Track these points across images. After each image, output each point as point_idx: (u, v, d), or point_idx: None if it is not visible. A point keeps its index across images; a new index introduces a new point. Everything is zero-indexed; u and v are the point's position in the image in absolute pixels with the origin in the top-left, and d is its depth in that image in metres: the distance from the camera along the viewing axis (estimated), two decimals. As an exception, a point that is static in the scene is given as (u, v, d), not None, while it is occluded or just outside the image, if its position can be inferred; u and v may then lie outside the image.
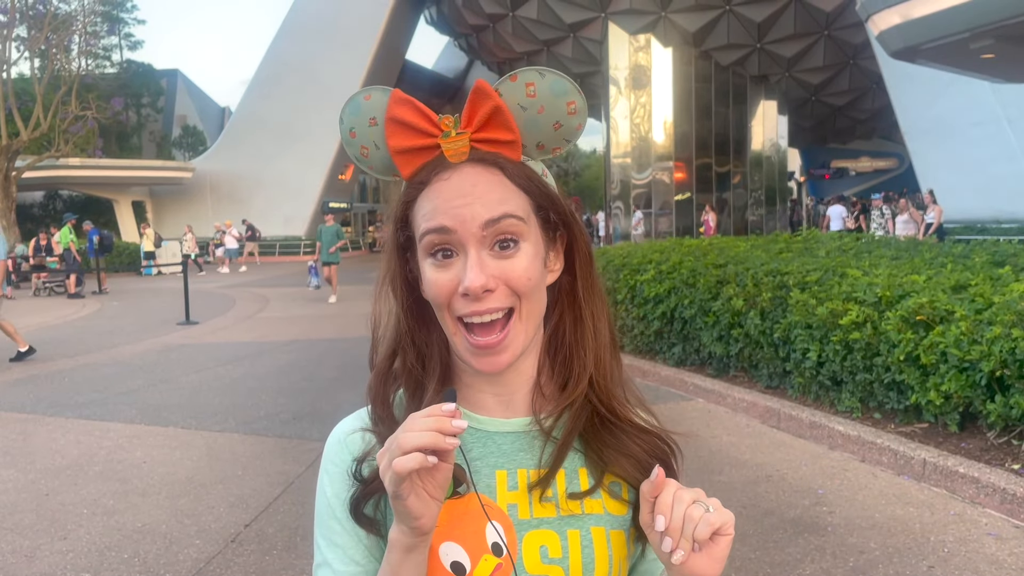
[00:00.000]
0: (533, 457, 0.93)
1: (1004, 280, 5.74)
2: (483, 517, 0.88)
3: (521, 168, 0.90)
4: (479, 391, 0.95)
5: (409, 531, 0.80)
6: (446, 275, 0.87)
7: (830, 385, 6.04)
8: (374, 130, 0.91)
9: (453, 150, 0.88)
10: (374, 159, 0.93)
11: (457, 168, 0.88)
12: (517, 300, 0.88)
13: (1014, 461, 4.66)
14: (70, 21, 31.76)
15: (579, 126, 0.93)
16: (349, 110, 0.92)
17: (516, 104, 0.89)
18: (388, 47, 33.89)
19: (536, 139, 0.92)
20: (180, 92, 53.97)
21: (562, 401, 0.94)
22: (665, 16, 27.96)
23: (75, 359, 10.16)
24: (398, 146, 0.89)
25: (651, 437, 0.96)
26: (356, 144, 0.93)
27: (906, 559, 3.83)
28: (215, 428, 6.60)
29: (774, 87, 31.25)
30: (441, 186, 0.88)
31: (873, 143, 39.43)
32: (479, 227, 0.86)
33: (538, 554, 0.89)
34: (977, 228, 18.98)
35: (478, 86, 0.88)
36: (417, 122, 0.88)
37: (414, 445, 0.76)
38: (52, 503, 4.93)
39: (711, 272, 7.57)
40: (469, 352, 0.88)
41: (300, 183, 33.28)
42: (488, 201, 0.86)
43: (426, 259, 0.89)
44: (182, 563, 4.02)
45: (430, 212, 0.87)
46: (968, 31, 8.86)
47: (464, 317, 0.87)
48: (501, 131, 0.89)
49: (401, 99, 0.89)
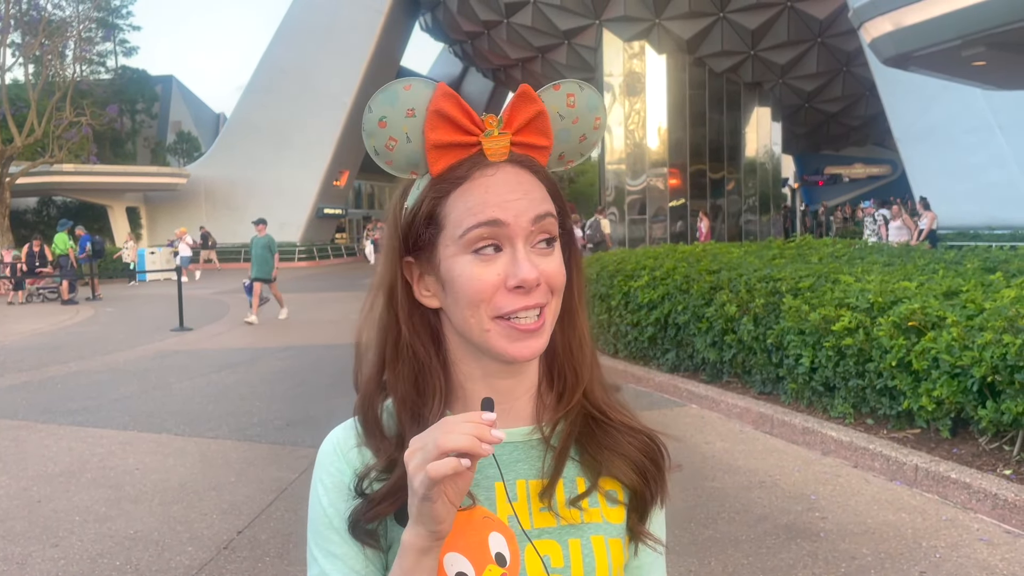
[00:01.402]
0: (531, 467, 0.93)
1: (995, 286, 5.76)
2: (485, 528, 0.87)
3: (549, 175, 0.93)
4: (479, 400, 0.91)
5: (428, 535, 0.79)
6: (490, 270, 0.86)
7: (823, 391, 6.05)
8: (410, 121, 0.87)
9: (494, 149, 0.88)
10: (400, 152, 0.89)
11: (500, 166, 0.88)
12: (551, 297, 0.89)
13: (1005, 467, 4.68)
14: (65, 27, 31.76)
15: (596, 142, 0.96)
16: (383, 98, 0.87)
17: (556, 112, 0.91)
18: (383, 54, 33.93)
19: (561, 149, 0.94)
20: (175, 98, 53.93)
21: (560, 409, 0.94)
22: (659, 23, 28.05)
23: (68, 365, 10.13)
24: (439, 140, 0.87)
25: (641, 436, 0.97)
26: (384, 134, 0.88)
27: (898, 564, 3.84)
28: (208, 435, 6.59)
29: (768, 94, 31.36)
30: (487, 181, 0.87)
31: (866, 150, 39.60)
32: (529, 222, 0.86)
33: (540, 564, 0.89)
34: (970, 234, 19.06)
35: (523, 90, 0.89)
36: (461, 118, 0.87)
37: (453, 447, 0.74)
38: (44, 510, 4.91)
39: (705, 278, 7.59)
40: (506, 338, 0.87)
41: (295, 189, 33.28)
42: (534, 199, 0.88)
43: (464, 255, 0.87)
44: (174, 570, 4.01)
45: (477, 205, 0.86)
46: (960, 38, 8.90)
47: (509, 314, 0.86)
48: (539, 136, 0.90)
49: (448, 93, 0.87)
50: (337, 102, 32.81)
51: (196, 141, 50.93)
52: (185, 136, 51.33)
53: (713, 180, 30.40)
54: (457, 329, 0.91)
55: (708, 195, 30.10)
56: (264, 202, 33.58)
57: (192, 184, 34.89)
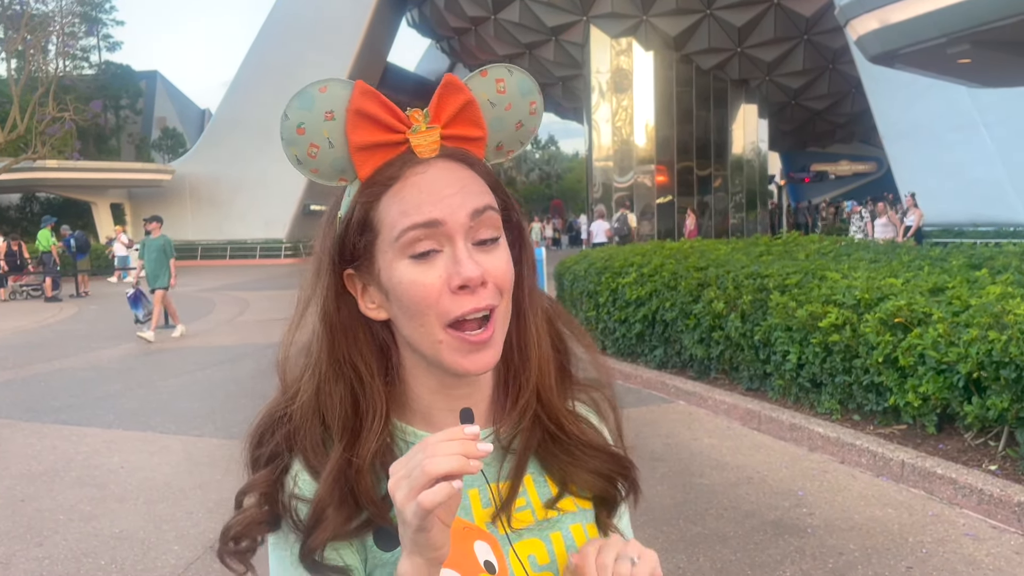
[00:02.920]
0: (495, 470, 0.91)
1: (981, 283, 5.80)
2: (468, 538, 0.84)
3: (487, 167, 0.88)
4: (438, 409, 0.89)
5: (426, 563, 0.75)
6: (432, 273, 0.81)
7: (810, 387, 6.07)
8: (330, 125, 0.82)
9: (424, 145, 0.83)
10: (323, 159, 0.83)
11: (431, 163, 0.83)
12: (499, 298, 0.84)
13: (991, 462, 4.71)
14: (47, 22, 31.42)
15: (534, 128, 0.91)
16: (298, 104, 0.82)
17: (486, 100, 0.87)
18: (370, 49, 33.80)
19: (498, 138, 0.90)
20: (159, 94, 53.62)
21: (513, 412, 0.91)
22: (646, 20, 28.08)
23: (51, 363, 10.04)
24: (362, 141, 0.82)
25: (604, 455, 0.94)
26: (304, 141, 0.82)
27: (885, 560, 3.86)
28: (194, 433, 6.55)
29: (754, 91, 31.46)
30: (419, 180, 0.82)
31: (852, 147, 39.80)
32: (467, 216, 0.81)
33: (527, 564, 0.88)
34: (955, 231, 19.19)
35: (448, 79, 0.85)
36: (384, 117, 0.82)
37: (442, 471, 0.69)
38: (28, 509, 4.87)
39: (692, 275, 7.60)
40: (460, 352, 0.82)
41: (281, 185, 33.07)
42: (471, 193, 0.83)
43: (402, 260, 0.82)
44: (160, 569, 3.98)
45: (411, 207, 0.81)
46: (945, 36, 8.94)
47: (461, 317, 0.81)
48: (471, 127, 0.85)
49: (367, 91, 0.82)
50: (324, 99, 32.66)
51: (181, 137, 50.65)
52: (170, 132, 51.03)
53: (700, 177, 30.48)
54: (408, 342, 0.86)
55: (695, 192, 30.18)
56: (250, 198, 33.48)
57: (177, 180, 34.67)
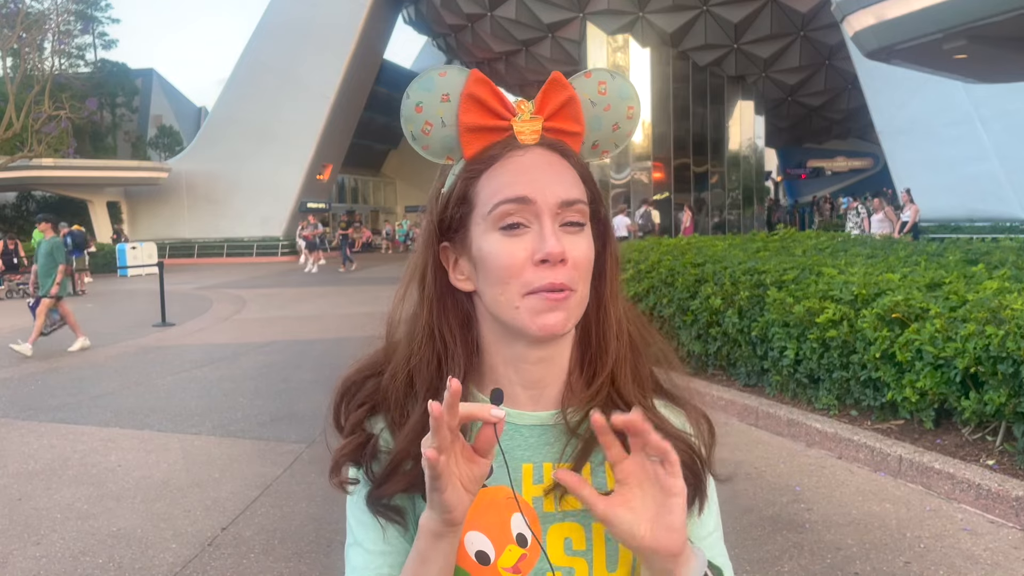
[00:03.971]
0: (557, 451, 0.93)
1: (978, 278, 5.81)
2: (508, 508, 0.89)
3: (580, 161, 0.94)
4: (509, 382, 0.94)
5: (440, 520, 0.80)
6: (519, 245, 0.87)
7: (807, 383, 6.08)
8: (445, 106, 0.90)
9: (526, 132, 0.90)
10: (435, 137, 0.91)
11: (530, 149, 0.90)
12: (578, 281, 0.88)
13: (988, 457, 4.71)
14: (43, 20, 31.33)
15: (630, 132, 0.98)
16: (420, 85, 0.91)
17: (587, 99, 0.94)
18: (366, 47, 33.73)
19: (594, 137, 0.96)
20: (155, 92, 53.44)
21: (586, 396, 0.94)
22: (643, 16, 28.05)
23: (48, 362, 10.03)
24: (472, 123, 0.90)
25: (675, 440, 0.93)
26: (420, 119, 0.91)
27: (883, 555, 3.86)
28: (191, 431, 6.54)
29: (751, 87, 31.45)
30: (517, 161, 0.89)
31: (848, 143, 39.80)
32: (556, 203, 0.87)
33: (562, 546, 0.90)
34: (951, 227, 19.21)
35: (554, 76, 0.92)
36: (493, 102, 0.90)
37: (454, 420, 0.75)
38: (25, 508, 4.86)
39: (689, 271, 7.60)
40: (533, 311, 0.86)
41: (277, 183, 33.05)
42: (564, 182, 0.89)
43: (493, 232, 0.88)
44: (158, 567, 3.98)
45: (506, 183, 0.88)
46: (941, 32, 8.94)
47: (540, 290, 0.86)
48: (570, 122, 0.92)
49: (481, 79, 0.90)
50: (320, 96, 32.60)
51: (177, 135, 50.51)
52: (166, 130, 50.88)
53: (697, 174, 30.46)
54: (489, 310, 0.91)
55: (692, 188, 30.16)
56: (246, 196, 33.42)
57: (173, 178, 34.57)
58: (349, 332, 11.39)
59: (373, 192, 48.32)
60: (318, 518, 4.55)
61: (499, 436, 0.79)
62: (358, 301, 15.89)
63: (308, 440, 6.08)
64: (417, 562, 0.83)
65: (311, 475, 5.30)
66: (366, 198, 47.40)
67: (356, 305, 15.21)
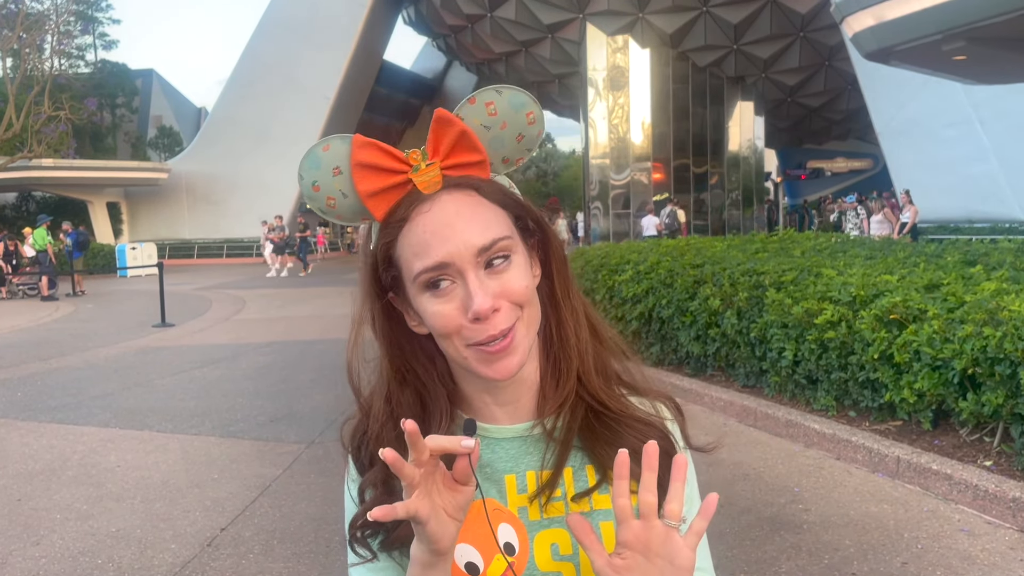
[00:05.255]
0: (537, 459, 0.95)
1: (976, 279, 5.81)
2: (496, 520, 0.90)
3: (494, 185, 0.92)
4: (485, 404, 0.96)
5: (428, 551, 0.81)
6: (449, 305, 0.87)
7: (806, 384, 6.09)
8: (339, 179, 0.90)
9: (425, 182, 0.89)
10: (342, 208, 0.92)
11: (434, 198, 0.88)
12: (520, 311, 0.89)
13: (986, 458, 4.72)
14: (43, 20, 31.32)
15: (539, 132, 0.96)
16: (308, 164, 0.90)
17: (479, 125, 0.91)
18: (366, 47, 33.74)
19: (501, 154, 0.94)
20: (155, 92, 53.42)
21: (556, 400, 0.96)
22: (642, 17, 28.05)
23: (48, 362, 10.03)
24: (369, 189, 0.89)
25: (648, 427, 0.97)
26: (321, 197, 0.91)
27: (880, 556, 3.87)
28: (191, 431, 6.55)
29: (751, 88, 31.44)
30: (423, 219, 0.87)
31: (848, 144, 39.78)
32: (473, 255, 0.86)
33: (549, 552, 0.92)
34: (950, 228, 19.20)
35: (438, 115, 0.89)
36: (385, 162, 0.88)
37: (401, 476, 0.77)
38: (25, 508, 4.86)
39: (688, 272, 7.61)
40: (482, 362, 0.88)
41: (277, 184, 33.00)
42: (475, 228, 0.87)
43: (423, 295, 0.89)
44: (157, 568, 3.98)
45: (420, 249, 0.87)
46: (941, 33, 8.95)
47: (478, 343, 0.87)
48: (469, 154, 0.90)
49: (364, 143, 0.89)
50: (320, 96, 32.60)
51: (177, 136, 50.52)
52: (166, 131, 50.89)
53: (696, 174, 30.45)
54: (445, 354, 0.93)
55: (691, 189, 30.16)
56: (246, 197, 33.40)
57: (173, 179, 34.57)
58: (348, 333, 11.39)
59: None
60: (317, 518, 4.56)
61: (474, 466, 0.79)
62: (358, 302, 15.87)
63: (307, 440, 6.09)
64: None
65: (310, 475, 5.31)
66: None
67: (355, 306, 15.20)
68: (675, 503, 0.81)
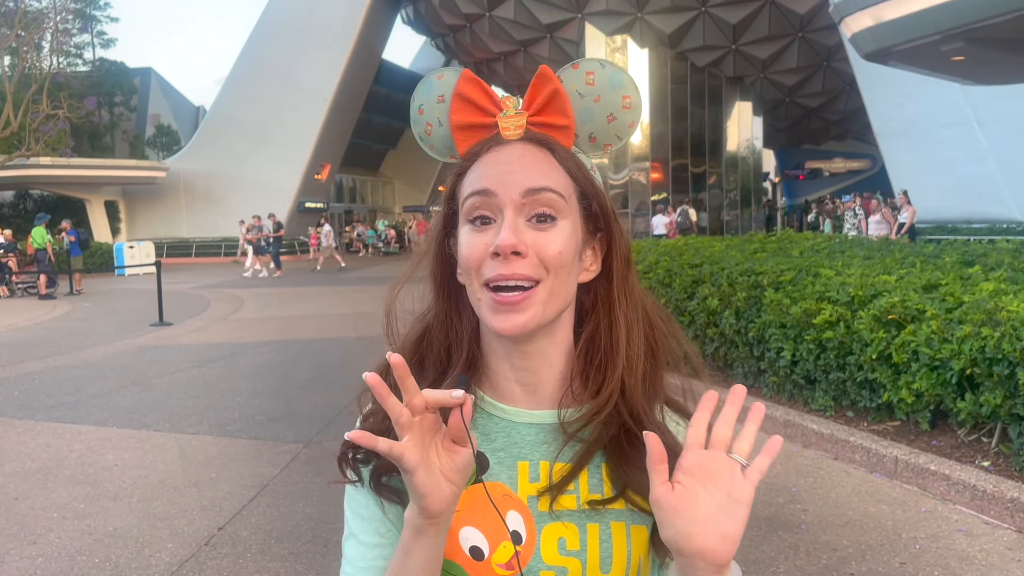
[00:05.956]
0: (554, 451, 0.93)
1: (974, 280, 5.81)
2: (504, 506, 0.89)
3: (570, 154, 0.93)
4: (505, 378, 0.94)
5: (418, 510, 0.79)
6: (482, 238, 0.88)
7: (804, 384, 6.09)
8: (440, 107, 0.94)
9: (508, 128, 0.92)
10: (436, 137, 0.96)
11: (509, 143, 0.91)
12: (545, 274, 0.87)
13: (984, 458, 4.72)
14: (41, 19, 31.28)
15: (632, 123, 0.96)
16: (421, 88, 0.96)
17: (575, 91, 0.94)
18: (364, 47, 33.73)
19: (589, 130, 0.95)
20: (154, 91, 53.36)
21: (593, 406, 0.92)
22: (641, 17, 28.09)
23: (45, 361, 10.01)
24: (460, 121, 0.93)
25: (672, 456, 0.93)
26: (422, 121, 0.96)
27: (878, 556, 3.87)
28: (188, 430, 6.54)
29: (749, 88, 31.49)
30: (491, 156, 0.90)
31: (846, 144, 39.84)
32: (519, 193, 0.87)
33: (556, 545, 0.89)
34: (948, 228, 19.21)
35: (541, 71, 0.93)
36: (481, 100, 0.92)
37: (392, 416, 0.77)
38: (21, 507, 4.86)
39: (687, 272, 7.61)
40: (491, 309, 0.87)
41: (276, 183, 33.02)
42: (531, 172, 0.88)
43: (465, 226, 0.90)
44: (154, 567, 3.98)
45: (475, 178, 0.89)
46: (939, 34, 8.96)
47: (491, 281, 0.86)
48: (557, 115, 0.93)
49: (469, 78, 0.93)
50: (318, 95, 32.60)
51: (176, 134, 50.46)
52: (164, 129, 50.83)
53: (695, 174, 30.50)
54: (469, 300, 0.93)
55: (690, 189, 30.20)
56: (244, 196, 33.37)
57: (171, 178, 34.54)
58: (346, 332, 11.40)
59: (371, 192, 48.28)
60: (315, 518, 4.56)
61: (467, 421, 0.78)
62: (355, 301, 15.89)
63: (305, 440, 6.09)
64: (401, 554, 0.83)
65: (308, 475, 5.30)
66: (364, 198, 47.35)
67: (353, 305, 15.22)
68: (746, 442, 0.82)
